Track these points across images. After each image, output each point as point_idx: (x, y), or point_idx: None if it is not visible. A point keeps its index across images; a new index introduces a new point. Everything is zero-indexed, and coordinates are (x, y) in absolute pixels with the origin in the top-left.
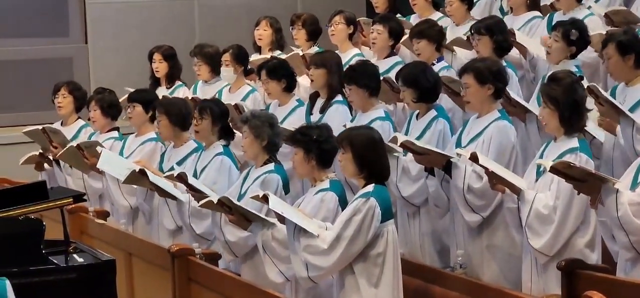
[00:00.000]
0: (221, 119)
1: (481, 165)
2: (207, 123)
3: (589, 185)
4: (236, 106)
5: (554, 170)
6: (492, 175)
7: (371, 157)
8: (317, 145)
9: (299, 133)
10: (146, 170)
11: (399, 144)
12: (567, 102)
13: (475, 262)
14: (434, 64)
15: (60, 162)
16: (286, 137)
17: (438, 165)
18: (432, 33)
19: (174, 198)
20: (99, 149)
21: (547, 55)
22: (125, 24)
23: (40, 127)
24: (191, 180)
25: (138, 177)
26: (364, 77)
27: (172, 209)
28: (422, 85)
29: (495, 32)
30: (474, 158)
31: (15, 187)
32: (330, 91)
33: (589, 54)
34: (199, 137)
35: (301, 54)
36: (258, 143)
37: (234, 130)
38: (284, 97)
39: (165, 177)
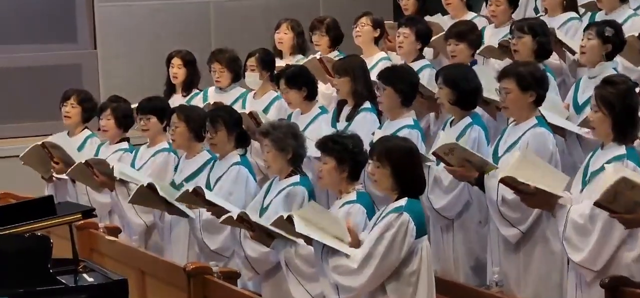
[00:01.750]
0: (235, 127)
1: (514, 185)
2: (222, 134)
3: (539, 199)
4: (251, 114)
5: (503, 182)
6: (524, 196)
7: (409, 171)
8: (351, 155)
9: (332, 141)
10: (155, 185)
11: (430, 152)
12: (622, 107)
13: (513, 279)
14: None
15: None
16: (317, 144)
17: (471, 178)
18: (472, 37)
19: (184, 215)
20: (112, 165)
21: (582, 55)
22: (136, 29)
23: (39, 143)
24: (209, 195)
25: (146, 193)
26: (403, 82)
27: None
28: (462, 88)
29: (539, 32)
30: (506, 182)
31: (20, 203)
32: (357, 98)
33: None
34: (215, 149)
35: (319, 57)
36: (283, 156)
37: (250, 137)
38: (305, 106)
39: (181, 197)
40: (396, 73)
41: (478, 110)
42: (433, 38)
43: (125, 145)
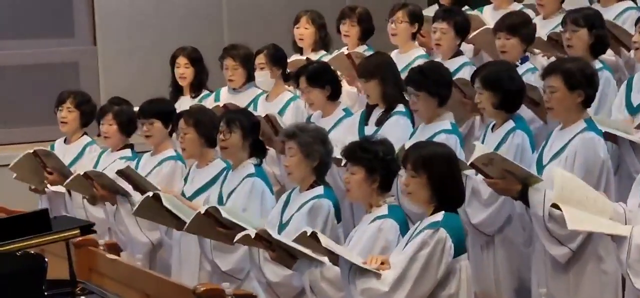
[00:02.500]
0: (252, 133)
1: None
2: (237, 137)
3: (506, 182)
4: (268, 118)
5: (473, 165)
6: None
7: (447, 181)
8: (382, 164)
9: (360, 148)
10: (161, 195)
11: (469, 162)
12: None
13: None
14: (517, 65)
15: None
16: (343, 152)
17: (513, 192)
18: (526, 31)
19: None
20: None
21: (636, 51)
22: (140, 23)
23: (30, 151)
24: (225, 215)
25: (152, 205)
26: (437, 84)
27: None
28: (506, 89)
29: (596, 24)
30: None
31: (11, 217)
32: (389, 101)
33: None
34: (226, 154)
35: (346, 52)
36: (308, 163)
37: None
38: (328, 107)
39: (192, 225)
40: (428, 76)
41: (524, 113)
42: (474, 33)
43: (128, 152)
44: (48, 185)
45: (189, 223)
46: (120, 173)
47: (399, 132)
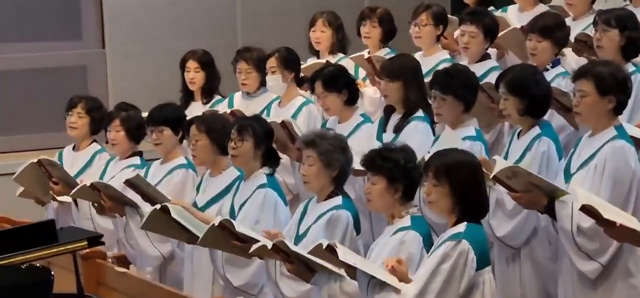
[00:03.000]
0: (265, 141)
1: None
2: (248, 146)
3: (532, 196)
4: (283, 124)
5: (496, 178)
6: (607, 226)
7: (471, 190)
8: (404, 172)
9: (380, 157)
10: (170, 208)
11: (492, 175)
12: None
13: None
14: (547, 69)
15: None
16: (362, 161)
17: (539, 206)
18: (559, 35)
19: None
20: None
21: None
22: (150, 25)
23: (35, 160)
24: (239, 228)
25: (161, 218)
26: (464, 88)
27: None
28: (532, 94)
29: (628, 26)
30: (586, 211)
31: (16, 228)
32: (409, 106)
33: None
34: (237, 163)
35: (367, 56)
36: (328, 173)
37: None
38: (345, 112)
39: (206, 239)
40: (455, 78)
41: (556, 120)
42: (502, 33)
43: (136, 160)
44: (54, 196)
45: (203, 236)
46: (128, 183)
47: (419, 138)
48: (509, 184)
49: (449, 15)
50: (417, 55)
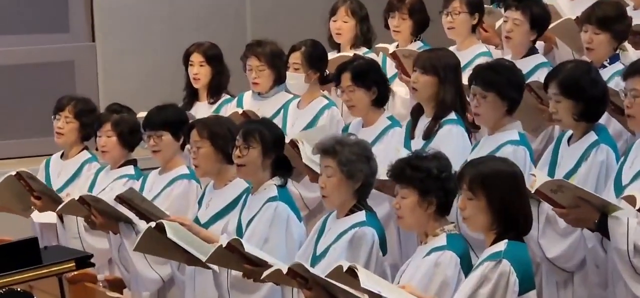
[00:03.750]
0: (274, 148)
1: None
2: (255, 154)
3: (581, 211)
4: (292, 143)
5: (539, 193)
6: None
7: (511, 203)
8: (438, 183)
9: (410, 166)
10: (166, 226)
11: (534, 190)
12: None
13: None
14: (604, 66)
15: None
16: (390, 172)
17: (590, 223)
18: (620, 27)
19: (206, 266)
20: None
21: None
22: (148, 16)
23: (13, 173)
24: (248, 248)
25: (157, 237)
26: (509, 85)
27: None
28: (588, 96)
29: None
30: (630, 201)
31: None
32: (441, 107)
33: None
34: (243, 173)
35: (391, 50)
36: (349, 185)
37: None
38: (371, 114)
39: (214, 257)
40: (500, 73)
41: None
42: (553, 23)
43: (130, 170)
44: (35, 212)
45: (209, 256)
46: (120, 199)
47: (453, 144)
48: (554, 199)
49: (488, 5)
50: (451, 50)
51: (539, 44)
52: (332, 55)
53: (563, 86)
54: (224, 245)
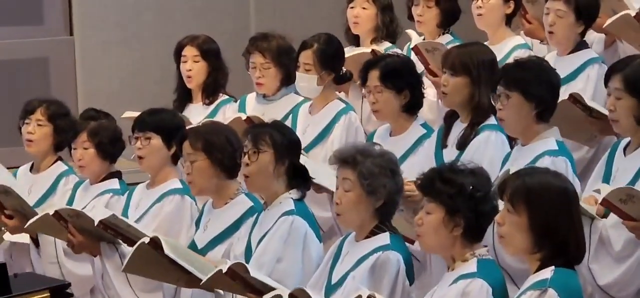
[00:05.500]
0: (289, 154)
1: None
2: (267, 159)
3: None
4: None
5: (606, 203)
6: None
7: (562, 226)
8: (471, 204)
9: (441, 179)
10: (162, 241)
11: (599, 201)
12: None
13: None
14: None
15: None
16: (418, 183)
17: None
18: None
19: (210, 289)
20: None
21: None
22: (133, 4)
23: None
24: (253, 273)
25: (149, 255)
26: (538, 84)
27: None
28: None
29: None
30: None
31: None
32: (477, 113)
33: None
34: (253, 184)
35: (414, 45)
36: (370, 203)
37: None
38: (401, 121)
39: (211, 281)
40: (527, 69)
41: None
42: (612, 19)
43: (114, 183)
44: (6, 234)
45: (204, 281)
46: (103, 225)
47: (491, 154)
48: (623, 210)
49: None
50: None
51: (600, 37)
52: (349, 51)
53: (628, 81)
54: (224, 271)
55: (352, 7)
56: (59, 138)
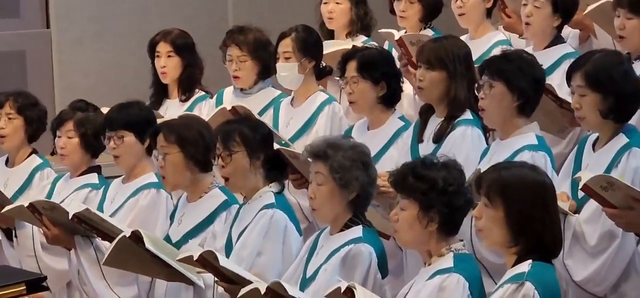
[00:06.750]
0: (262, 147)
1: None
2: (240, 158)
3: (635, 214)
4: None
5: (587, 189)
6: None
7: (538, 220)
8: (444, 199)
9: (414, 175)
10: (143, 235)
11: (581, 185)
12: None
13: None
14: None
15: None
16: (391, 178)
17: None
18: None
19: (189, 281)
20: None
21: None
22: (109, 0)
23: None
24: (223, 261)
25: (129, 249)
26: (523, 76)
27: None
28: (619, 92)
29: None
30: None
31: None
32: (453, 106)
33: None
34: (232, 185)
35: (397, 37)
36: (343, 196)
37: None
38: (377, 113)
39: (182, 260)
40: (512, 61)
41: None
42: (592, 6)
43: (93, 178)
44: None
45: (181, 257)
46: (77, 218)
47: (468, 149)
48: (604, 197)
49: None
50: (463, 39)
51: (575, 32)
52: (329, 46)
53: (589, 77)
54: (194, 258)
55: (325, 3)
56: (30, 129)
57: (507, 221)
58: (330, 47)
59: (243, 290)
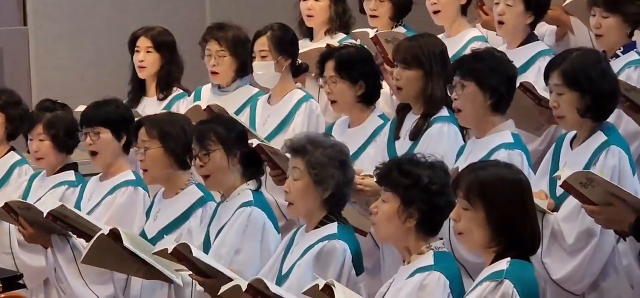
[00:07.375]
0: (238, 145)
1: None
2: (218, 157)
3: (615, 211)
4: (260, 148)
5: (566, 185)
6: None
7: (518, 219)
8: (425, 197)
9: (399, 170)
10: (122, 233)
11: (560, 182)
12: None
13: None
14: (617, 56)
15: None
16: (376, 172)
17: (623, 225)
18: (631, 10)
19: (167, 280)
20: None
21: None
22: None
23: None
24: (197, 253)
25: (108, 246)
26: (493, 74)
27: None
28: (597, 90)
29: None
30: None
31: None
32: (429, 103)
33: None
34: (211, 183)
35: (372, 34)
36: (318, 193)
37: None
38: (357, 112)
39: (157, 253)
40: (483, 61)
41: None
42: (566, 1)
43: (70, 175)
44: None
45: (156, 250)
46: (52, 216)
47: (444, 146)
48: (584, 194)
49: None
50: (439, 37)
51: (551, 29)
52: (305, 45)
53: (567, 76)
54: (169, 251)
55: (305, 0)
56: (11, 127)
57: (488, 222)
58: (305, 47)
59: (224, 288)
